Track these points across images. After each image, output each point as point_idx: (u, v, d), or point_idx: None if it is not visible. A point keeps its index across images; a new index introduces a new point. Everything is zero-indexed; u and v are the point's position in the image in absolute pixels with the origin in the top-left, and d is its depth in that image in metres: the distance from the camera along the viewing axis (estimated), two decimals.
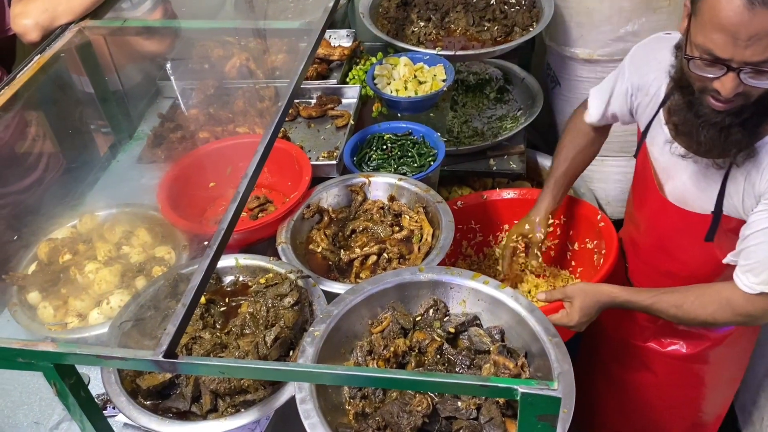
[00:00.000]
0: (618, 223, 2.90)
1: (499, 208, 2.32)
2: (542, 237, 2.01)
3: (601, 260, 2.04)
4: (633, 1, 2.60)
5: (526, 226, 2.03)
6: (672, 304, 1.64)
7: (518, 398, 0.94)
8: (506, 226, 2.34)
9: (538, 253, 2.03)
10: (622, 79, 1.81)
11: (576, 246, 2.22)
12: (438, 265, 1.61)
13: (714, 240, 1.66)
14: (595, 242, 2.11)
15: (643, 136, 1.77)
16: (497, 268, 2.17)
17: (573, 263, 2.25)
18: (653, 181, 1.76)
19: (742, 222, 1.57)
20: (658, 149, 1.70)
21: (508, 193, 2.33)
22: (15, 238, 1.77)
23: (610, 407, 2.31)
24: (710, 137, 1.45)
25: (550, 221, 2.05)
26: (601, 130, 2.02)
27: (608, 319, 2.02)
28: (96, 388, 1.51)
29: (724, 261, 1.61)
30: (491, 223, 2.34)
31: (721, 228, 1.63)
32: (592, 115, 1.93)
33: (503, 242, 2.13)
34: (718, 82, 1.34)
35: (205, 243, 1.24)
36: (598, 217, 2.11)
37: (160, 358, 1.04)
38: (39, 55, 1.87)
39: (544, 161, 2.98)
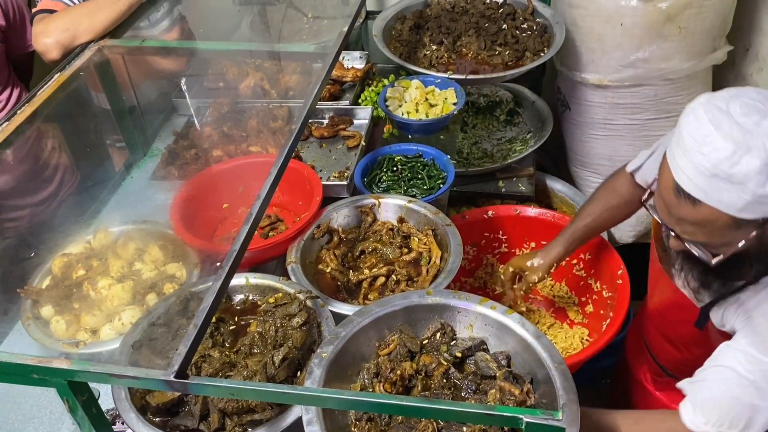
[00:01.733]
0: (625, 248, 2.91)
1: (503, 223, 2.36)
2: (536, 281, 1.98)
3: (608, 320, 2.03)
4: (644, 28, 2.63)
5: (528, 263, 1.98)
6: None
7: (523, 427, 0.95)
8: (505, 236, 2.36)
9: (523, 292, 2.00)
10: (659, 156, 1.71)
11: (597, 286, 2.21)
12: (446, 288, 1.63)
13: (703, 330, 1.59)
14: (610, 295, 2.11)
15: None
16: (496, 286, 2.17)
17: (586, 300, 2.26)
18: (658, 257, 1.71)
19: (726, 335, 1.50)
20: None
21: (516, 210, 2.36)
22: (30, 252, 1.80)
23: None
24: (697, 278, 1.50)
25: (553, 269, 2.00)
26: (638, 193, 1.82)
27: (632, 357, 2.01)
28: (105, 403, 1.52)
29: (678, 385, 1.50)
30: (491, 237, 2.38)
31: (710, 326, 1.57)
32: (635, 164, 1.79)
33: (504, 268, 2.08)
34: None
35: (218, 264, 1.26)
36: (619, 272, 2.08)
37: (172, 378, 1.06)
38: (59, 73, 1.91)
39: (553, 184, 3.00)
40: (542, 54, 2.60)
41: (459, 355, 1.47)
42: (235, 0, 2.76)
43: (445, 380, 1.44)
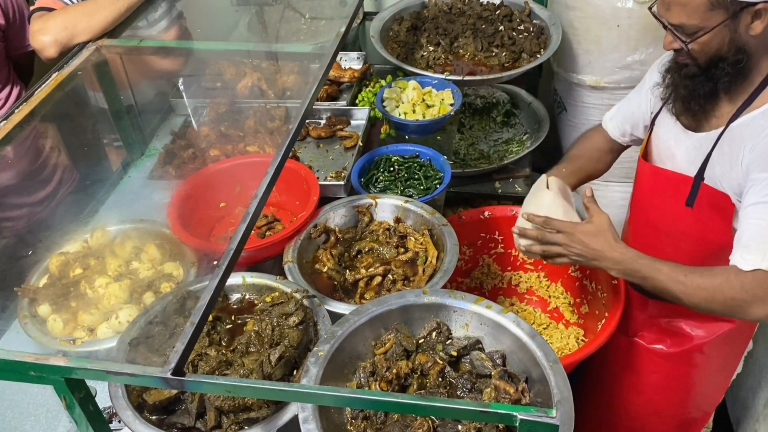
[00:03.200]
0: None
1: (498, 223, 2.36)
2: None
3: (603, 320, 2.04)
4: (640, 30, 2.64)
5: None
6: (679, 281, 1.56)
7: (517, 425, 0.96)
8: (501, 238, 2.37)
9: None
10: (641, 93, 1.92)
11: (592, 286, 2.22)
12: (442, 288, 1.64)
13: (694, 207, 1.70)
14: (605, 296, 2.12)
15: (652, 124, 1.87)
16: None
17: (581, 300, 2.27)
18: (650, 163, 1.84)
19: (721, 195, 1.63)
20: (664, 129, 1.80)
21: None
22: (27, 251, 1.80)
23: (594, 411, 2.31)
24: (685, 86, 1.66)
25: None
26: (616, 146, 2.05)
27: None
28: (102, 401, 1.53)
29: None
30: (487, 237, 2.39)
31: (702, 197, 1.68)
32: (610, 128, 2.01)
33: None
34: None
35: (215, 262, 1.27)
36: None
37: (169, 375, 1.06)
38: (57, 73, 1.91)
39: None
40: (539, 55, 2.61)
41: (454, 354, 1.48)
42: (233, 0, 2.77)
43: (440, 379, 1.45)
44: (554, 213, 1.76)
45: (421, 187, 2.07)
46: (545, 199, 1.82)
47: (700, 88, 1.63)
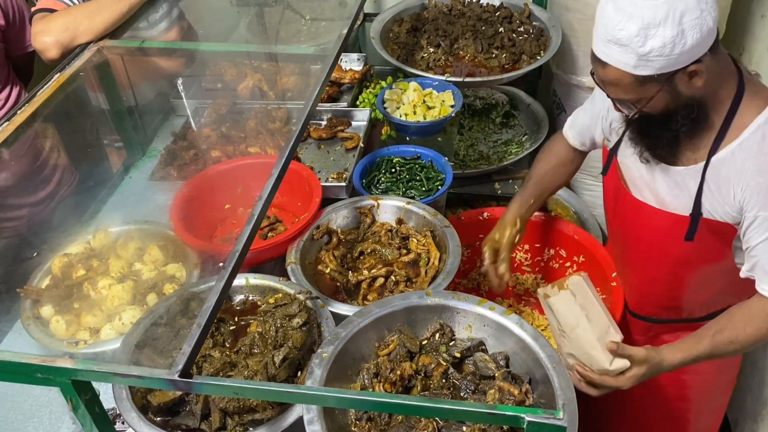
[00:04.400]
0: None
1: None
2: (508, 239, 1.92)
3: None
4: None
5: (496, 235, 1.95)
6: (728, 341, 1.63)
7: (525, 426, 0.96)
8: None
9: (504, 257, 1.92)
10: (594, 103, 1.88)
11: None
12: (444, 289, 1.64)
13: (694, 239, 1.69)
14: (603, 297, 2.11)
15: (612, 152, 1.84)
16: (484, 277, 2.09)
17: None
18: (627, 191, 1.81)
19: (721, 224, 1.62)
20: (630, 161, 1.76)
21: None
22: (30, 252, 1.80)
23: (595, 417, 2.31)
24: (646, 137, 1.64)
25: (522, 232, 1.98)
26: (579, 153, 2.05)
27: None
28: (106, 402, 1.51)
29: (742, 275, 1.64)
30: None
31: (702, 229, 1.67)
32: (569, 133, 2.00)
33: (484, 250, 1.98)
34: None
35: (220, 264, 1.27)
36: (613, 275, 2.06)
37: (176, 377, 1.07)
38: (59, 74, 1.91)
39: None
40: (538, 57, 2.62)
41: (458, 355, 1.49)
42: (233, 1, 2.76)
43: (444, 380, 1.46)
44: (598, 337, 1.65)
45: (423, 189, 2.07)
46: (587, 335, 1.65)
47: (662, 137, 1.61)
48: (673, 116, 1.55)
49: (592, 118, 1.90)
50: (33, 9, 2.09)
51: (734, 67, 1.56)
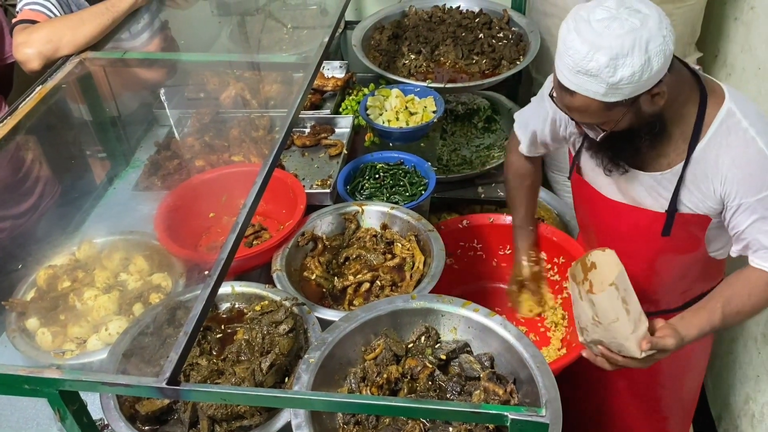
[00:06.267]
0: None
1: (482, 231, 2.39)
2: (532, 268, 2.06)
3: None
4: None
5: (516, 270, 2.10)
6: (736, 311, 1.67)
7: (508, 424, 0.98)
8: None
9: (532, 287, 2.08)
10: (546, 105, 1.85)
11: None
12: (429, 292, 1.66)
13: (671, 234, 1.74)
14: None
15: (575, 159, 1.88)
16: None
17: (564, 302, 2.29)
18: (598, 193, 1.84)
19: (699, 216, 1.67)
20: (595, 172, 1.79)
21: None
22: (15, 265, 1.80)
23: (579, 416, 2.34)
24: (607, 151, 1.68)
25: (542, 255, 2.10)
26: (537, 159, 2.09)
27: None
28: (94, 413, 1.52)
29: (733, 254, 1.70)
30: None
31: (677, 223, 1.72)
32: (523, 149, 2.02)
33: (510, 290, 2.15)
34: None
35: (206, 272, 1.28)
36: None
37: (164, 385, 1.07)
38: (41, 86, 1.92)
39: None
40: (518, 62, 2.66)
41: (443, 357, 1.51)
42: (215, 11, 2.78)
43: (430, 382, 1.47)
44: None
45: (407, 194, 2.09)
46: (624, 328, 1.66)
47: (624, 150, 1.64)
48: (635, 132, 1.59)
49: (543, 123, 1.90)
50: (14, 20, 2.09)
51: (689, 74, 1.61)
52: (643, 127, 1.58)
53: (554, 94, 1.59)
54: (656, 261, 1.85)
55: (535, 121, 1.93)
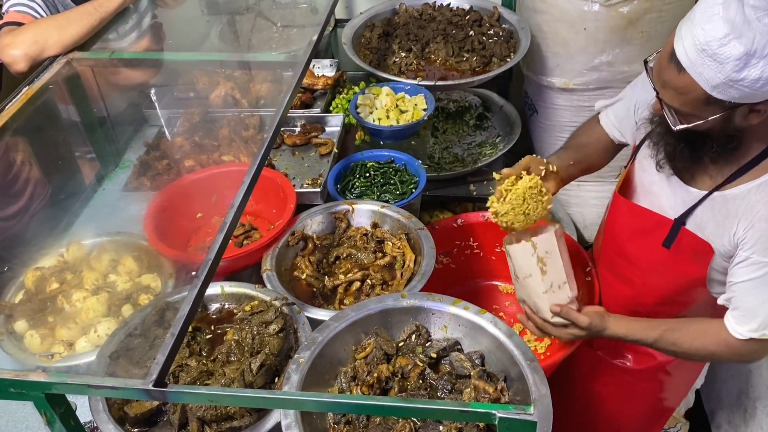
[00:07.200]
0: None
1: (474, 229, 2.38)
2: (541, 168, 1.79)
3: None
4: (607, 32, 2.70)
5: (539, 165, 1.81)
6: (673, 342, 1.69)
7: (496, 423, 0.98)
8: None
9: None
10: (634, 92, 1.85)
11: None
12: (420, 290, 1.66)
13: (671, 249, 1.70)
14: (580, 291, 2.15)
15: (637, 148, 1.83)
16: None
17: None
18: (616, 194, 1.83)
19: (703, 242, 1.63)
20: (648, 163, 1.74)
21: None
22: (2, 266, 1.78)
23: (567, 418, 2.34)
24: (669, 143, 1.61)
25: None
26: (610, 145, 1.97)
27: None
28: (83, 416, 1.51)
29: (720, 302, 1.67)
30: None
31: (681, 240, 1.68)
32: (601, 102, 1.96)
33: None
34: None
35: (193, 273, 1.27)
36: (588, 269, 2.09)
37: (150, 387, 1.07)
38: (27, 87, 1.90)
39: None
40: (509, 59, 2.65)
41: (434, 355, 1.50)
42: (204, 10, 2.77)
43: (421, 381, 1.47)
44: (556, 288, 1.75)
45: (397, 192, 2.09)
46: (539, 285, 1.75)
47: (685, 152, 1.56)
48: (709, 140, 1.49)
49: (628, 100, 1.86)
50: (0, 22, 2.08)
51: None
52: (721, 138, 1.48)
53: (651, 65, 1.48)
54: (653, 275, 1.80)
55: (622, 95, 1.90)
